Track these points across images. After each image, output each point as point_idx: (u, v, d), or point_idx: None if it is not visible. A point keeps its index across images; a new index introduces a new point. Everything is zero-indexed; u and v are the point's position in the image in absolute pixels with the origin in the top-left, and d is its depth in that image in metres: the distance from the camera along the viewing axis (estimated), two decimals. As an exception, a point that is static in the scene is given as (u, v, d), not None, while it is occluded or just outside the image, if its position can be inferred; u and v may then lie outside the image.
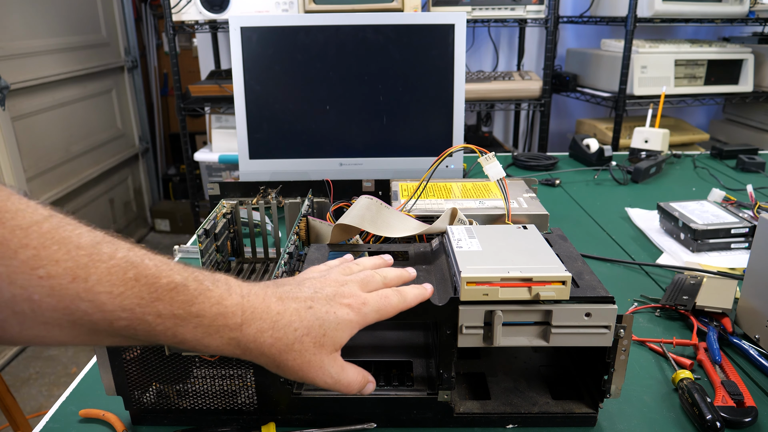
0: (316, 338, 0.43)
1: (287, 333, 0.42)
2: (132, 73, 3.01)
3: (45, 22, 2.28)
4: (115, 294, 0.36)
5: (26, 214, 0.34)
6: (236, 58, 1.08)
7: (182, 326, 0.39)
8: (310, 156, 1.13)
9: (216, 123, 2.03)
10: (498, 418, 0.55)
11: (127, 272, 0.37)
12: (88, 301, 0.35)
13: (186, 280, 0.39)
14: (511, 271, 0.48)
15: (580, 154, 1.51)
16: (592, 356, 0.54)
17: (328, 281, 0.48)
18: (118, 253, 0.37)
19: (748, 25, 2.20)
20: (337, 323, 0.44)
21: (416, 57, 1.09)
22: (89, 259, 0.35)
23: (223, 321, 0.40)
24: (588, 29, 2.44)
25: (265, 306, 0.42)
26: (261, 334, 0.42)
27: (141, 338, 0.38)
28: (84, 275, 0.35)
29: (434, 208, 0.79)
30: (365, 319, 0.46)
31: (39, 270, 0.33)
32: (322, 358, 0.44)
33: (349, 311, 0.45)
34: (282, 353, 0.42)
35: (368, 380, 0.48)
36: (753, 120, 2.20)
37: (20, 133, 2.10)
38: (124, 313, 0.36)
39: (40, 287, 0.34)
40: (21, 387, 1.92)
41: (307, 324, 0.43)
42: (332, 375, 0.45)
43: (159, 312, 0.37)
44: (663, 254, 0.94)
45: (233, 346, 0.41)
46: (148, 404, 0.55)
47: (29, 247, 0.33)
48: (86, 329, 0.36)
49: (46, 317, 0.35)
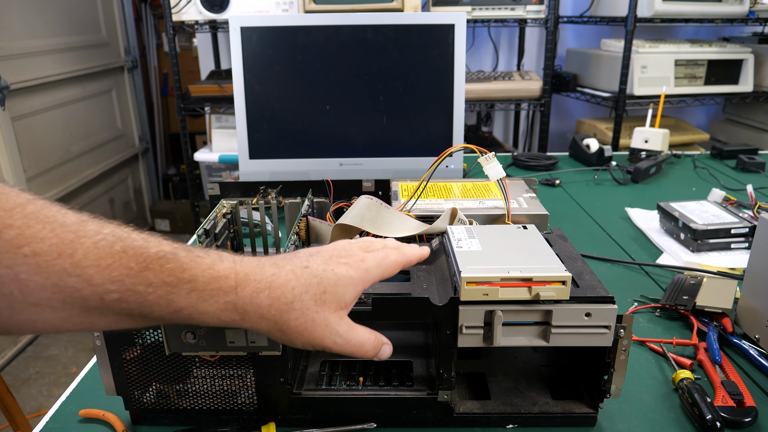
0: (316, 295, 0.42)
1: (285, 292, 0.41)
2: (132, 73, 3.01)
3: (45, 22, 2.28)
4: (102, 266, 0.35)
5: (9, 197, 0.34)
6: (236, 58, 1.08)
7: (174, 293, 0.38)
8: (310, 156, 1.13)
9: (216, 123, 2.03)
10: (498, 418, 0.55)
11: (114, 245, 0.36)
12: (75, 276, 0.35)
13: (176, 249, 0.38)
14: (511, 271, 0.48)
15: (580, 154, 1.51)
16: (592, 356, 0.54)
17: (326, 247, 0.47)
18: (104, 229, 0.37)
19: (748, 25, 2.20)
20: (337, 279, 0.43)
21: (416, 57, 1.09)
22: (74, 236, 0.35)
23: (217, 284, 0.39)
24: (588, 29, 2.44)
25: (259, 269, 0.41)
26: (257, 295, 0.40)
27: (135, 312, 0.37)
28: (70, 251, 0.34)
29: (434, 208, 0.79)
30: (367, 275, 0.45)
31: (24, 248, 0.33)
32: (327, 315, 0.42)
33: (347, 268, 0.44)
34: (282, 314, 0.41)
35: (383, 341, 0.47)
36: (753, 120, 2.20)
37: (20, 133, 2.10)
38: (114, 285, 0.36)
39: (26, 265, 0.33)
40: (21, 387, 1.92)
41: (304, 282, 0.42)
42: (341, 333, 0.43)
43: (149, 281, 0.37)
44: (663, 254, 0.94)
45: (230, 310, 0.40)
46: (148, 404, 0.55)
47: (13, 227, 0.33)
48: (78, 308, 0.36)
49: (35, 297, 0.34)
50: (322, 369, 0.58)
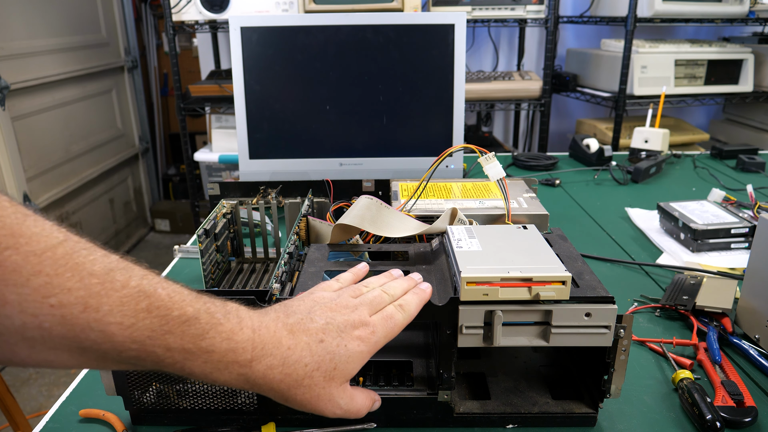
0: (327, 372, 0.43)
1: (297, 369, 0.42)
2: (132, 73, 3.01)
3: (45, 22, 2.28)
4: (125, 325, 0.35)
5: (41, 238, 0.33)
6: (236, 58, 1.08)
7: (191, 360, 0.38)
8: (310, 156, 1.13)
9: (216, 123, 2.03)
10: (498, 418, 0.55)
11: (140, 303, 0.36)
12: (98, 331, 0.35)
13: (198, 312, 0.39)
14: (511, 271, 0.48)
15: (580, 154, 1.51)
16: (592, 356, 0.54)
17: (339, 307, 0.47)
18: (131, 282, 0.36)
19: (748, 25, 2.20)
20: (348, 356, 0.44)
21: (416, 57, 1.09)
22: (101, 288, 0.35)
23: (233, 357, 0.40)
24: (588, 29, 2.44)
25: (275, 341, 0.42)
26: (270, 371, 0.41)
27: (149, 367, 0.38)
28: (96, 305, 0.34)
29: (434, 208, 0.79)
30: (375, 348, 0.46)
31: (51, 299, 0.33)
32: (331, 391, 0.44)
33: (359, 343, 0.45)
34: (291, 388, 0.42)
35: (375, 399, 0.49)
36: (753, 120, 2.20)
37: (20, 133, 2.10)
38: (134, 345, 0.36)
39: (51, 316, 0.33)
40: (21, 387, 1.92)
41: (317, 359, 0.43)
42: (341, 406, 0.45)
43: (169, 345, 0.37)
44: (663, 254, 0.94)
45: (242, 381, 0.41)
46: (148, 404, 0.55)
47: (42, 274, 0.33)
48: (95, 356, 0.36)
49: (55, 343, 0.34)
50: (322, 369, 0.58)
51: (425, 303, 0.49)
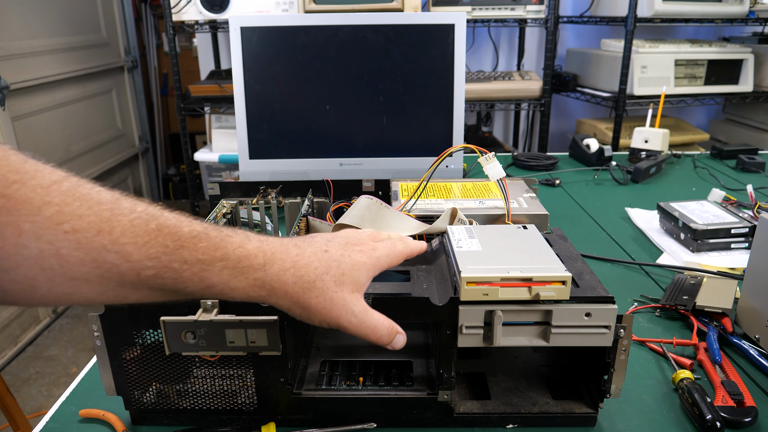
0: (336, 276, 0.45)
1: (308, 271, 0.44)
2: (132, 73, 3.01)
3: (45, 22, 2.28)
4: (140, 244, 0.37)
5: (45, 173, 0.35)
6: (236, 58, 1.08)
7: (208, 270, 0.40)
8: (310, 156, 1.13)
9: (216, 123, 2.03)
10: (498, 418, 0.55)
11: (149, 223, 0.38)
12: (114, 252, 0.36)
13: (206, 229, 0.41)
14: (511, 271, 0.48)
15: (580, 154, 1.51)
16: (592, 356, 0.54)
17: (339, 233, 0.51)
18: (138, 207, 0.38)
19: (748, 25, 2.20)
20: (353, 264, 0.46)
21: (416, 57, 1.09)
22: (111, 213, 0.36)
23: (248, 262, 0.41)
24: (588, 29, 2.44)
25: (283, 249, 0.44)
26: (284, 273, 0.43)
27: (169, 287, 0.39)
28: (108, 228, 0.36)
29: (434, 208, 0.79)
30: (378, 263, 0.48)
31: (64, 225, 0.34)
32: (344, 295, 0.45)
33: (362, 254, 0.47)
34: (305, 291, 0.43)
35: (397, 330, 0.48)
36: (753, 120, 2.20)
37: (20, 133, 2.10)
38: (151, 262, 0.37)
39: (66, 241, 0.35)
40: (21, 387, 1.92)
41: (325, 264, 0.45)
42: (356, 314, 0.45)
43: (185, 258, 0.38)
44: (663, 254, 0.94)
45: (258, 286, 0.42)
46: (148, 404, 0.55)
47: (52, 204, 0.34)
48: (114, 282, 0.37)
49: (74, 272, 0.36)
50: (322, 369, 0.58)
51: (422, 252, 0.54)
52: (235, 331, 0.49)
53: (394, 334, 0.48)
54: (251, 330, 0.49)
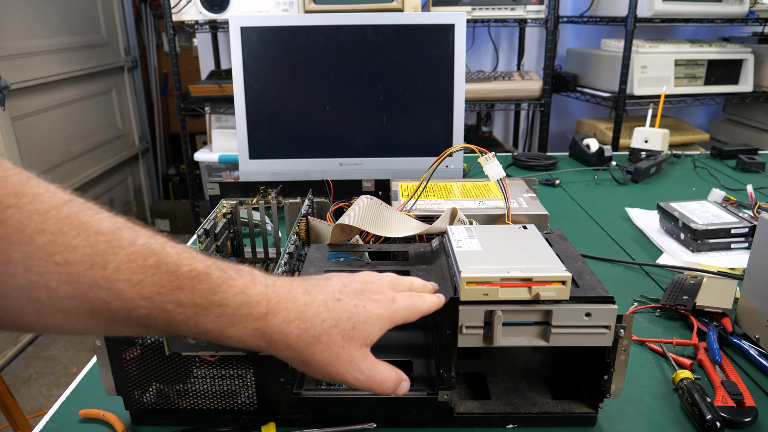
0: (345, 330, 0.42)
1: (314, 324, 0.41)
2: (132, 73, 3.01)
3: (45, 22, 2.28)
4: (134, 282, 0.35)
5: (44, 198, 0.33)
6: (236, 58, 1.08)
7: (204, 315, 0.37)
8: (310, 156, 1.13)
9: (216, 123, 2.03)
10: (498, 418, 0.55)
11: (148, 260, 0.35)
12: (106, 289, 0.34)
13: (209, 268, 0.38)
14: (511, 271, 0.48)
15: (580, 154, 1.51)
16: (592, 356, 0.54)
17: (357, 277, 0.47)
18: (139, 240, 0.36)
19: (748, 25, 2.20)
20: (367, 317, 0.43)
21: (416, 57, 1.09)
22: (108, 246, 0.34)
23: (248, 310, 0.39)
24: (588, 29, 2.44)
25: (291, 296, 0.41)
26: (287, 325, 0.40)
27: (161, 328, 0.37)
28: (102, 262, 0.34)
29: (434, 208, 0.79)
30: (395, 316, 0.45)
31: (56, 256, 0.32)
32: (351, 351, 0.42)
33: (378, 306, 0.44)
34: (309, 346, 0.41)
35: (402, 378, 0.46)
36: (753, 120, 2.20)
37: (20, 133, 2.09)
38: (144, 302, 0.35)
39: (56, 274, 0.33)
40: (21, 387, 1.92)
41: (335, 316, 0.42)
42: (363, 370, 0.43)
43: (180, 301, 0.36)
44: (663, 254, 0.94)
45: (257, 337, 0.39)
46: (148, 404, 0.55)
47: (46, 232, 0.32)
48: (105, 318, 0.35)
49: (63, 305, 0.34)
50: (322, 369, 0.58)
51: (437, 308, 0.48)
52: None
53: (399, 384, 0.46)
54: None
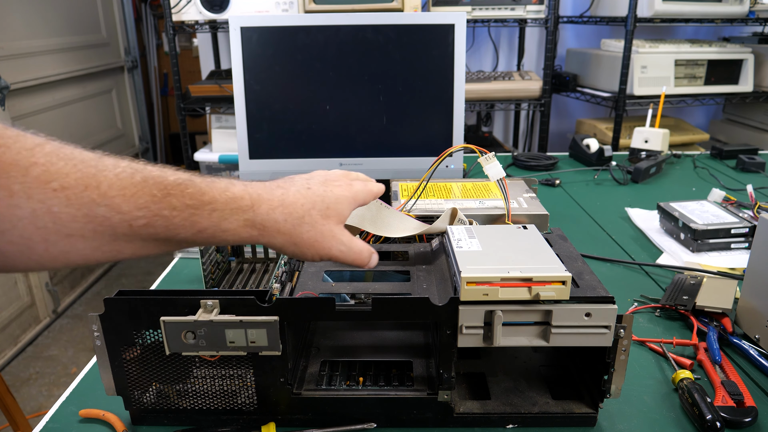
0: (322, 210, 0.48)
1: (296, 208, 0.47)
2: (132, 73, 3.01)
3: (45, 22, 2.28)
4: (128, 195, 0.38)
5: (27, 137, 0.36)
6: (236, 58, 1.08)
7: (198, 215, 0.41)
8: (310, 156, 1.13)
9: (216, 123, 2.02)
10: (498, 418, 0.55)
11: (134, 176, 0.39)
12: (104, 206, 0.37)
13: (191, 176, 0.42)
14: (511, 271, 0.48)
15: (580, 154, 1.51)
16: (592, 356, 0.54)
17: (315, 173, 0.53)
18: (121, 163, 0.40)
19: (748, 25, 2.20)
20: (336, 197, 0.49)
21: (416, 57, 1.09)
22: (95, 170, 0.38)
23: (235, 204, 0.43)
24: (588, 29, 2.44)
25: (268, 191, 0.46)
26: (273, 211, 0.45)
27: (161, 236, 0.40)
28: (95, 183, 0.37)
29: (434, 208, 0.79)
30: (357, 196, 0.52)
31: (52, 183, 0.35)
32: (332, 228, 0.48)
33: (342, 189, 0.51)
34: (296, 227, 0.46)
35: (372, 251, 0.52)
36: (753, 120, 2.20)
37: (20, 133, 2.09)
38: (141, 212, 0.39)
39: (56, 199, 0.36)
40: (21, 387, 1.92)
41: (310, 200, 0.48)
42: (344, 242, 0.49)
43: (173, 205, 0.40)
44: (663, 254, 0.94)
45: (249, 226, 0.44)
46: (148, 404, 0.55)
47: (38, 164, 0.35)
48: (108, 236, 0.38)
49: (68, 228, 0.37)
50: (322, 369, 0.58)
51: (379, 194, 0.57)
52: (235, 331, 0.49)
53: (371, 255, 0.52)
54: (251, 330, 0.49)
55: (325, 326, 0.67)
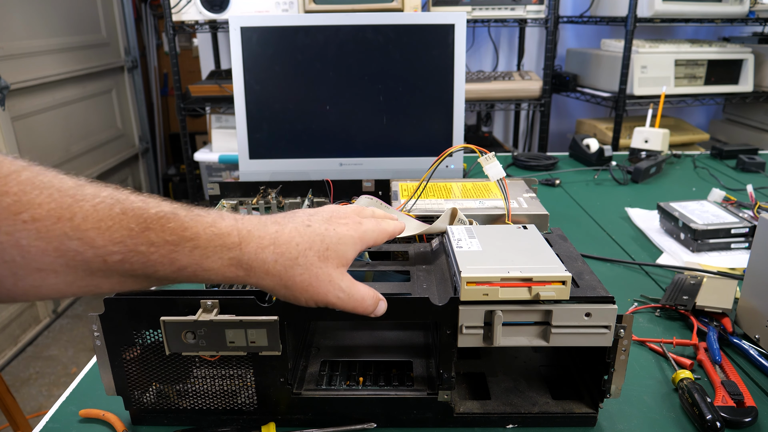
0: (320, 252, 0.43)
1: (289, 248, 0.42)
2: (132, 73, 3.01)
3: (45, 22, 2.28)
4: (103, 228, 0.35)
5: (3, 164, 0.34)
6: (236, 58, 1.08)
7: (177, 252, 0.38)
8: (310, 156, 1.13)
9: (216, 123, 2.03)
10: (498, 418, 0.55)
11: (113, 208, 0.36)
12: (77, 239, 0.35)
13: (175, 209, 0.39)
14: (511, 271, 0.48)
15: (580, 154, 1.51)
16: (592, 356, 0.54)
17: (322, 209, 0.49)
18: (102, 192, 0.37)
19: (748, 25, 2.20)
20: (339, 238, 0.44)
21: (416, 57, 1.09)
22: (72, 200, 0.35)
23: (220, 241, 0.39)
24: (588, 29, 2.44)
25: (261, 226, 0.42)
26: (262, 251, 0.41)
27: (139, 272, 0.38)
28: (69, 215, 0.34)
29: (434, 208, 0.79)
30: (365, 237, 0.47)
31: (22, 214, 0.33)
32: (330, 271, 0.43)
33: (347, 228, 0.46)
34: (287, 269, 0.41)
35: (380, 298, 0.47)
36: (753, 120, 2.20)
37: (20, 133, 2.09)
38: (116, 247, 0.36)
39: (25, 231, 0.33)
40: (21, 387, 1.92)
41: (308, 239, 0.43)
42: (343, 288, 0.44)
43: (151, 240, 0.37)
44: (663, 254, 0.94)
45: (235, 266, 0.40)
46: (148, 404, 0.55)
47: (9, 194, 0.33)
48: (81, 271, 0.36)
49: (38, 263, 0.34)
50: (322, 369, 0.58)
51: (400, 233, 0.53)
52: (235, 331, 0.49)
53: (377, 303, 0.47)
54: (251, 330, 0.49)
55: (325, 326, 0.67)
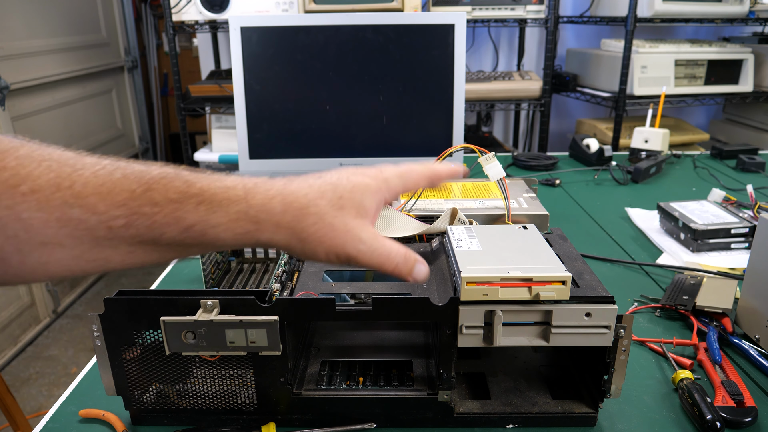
0: (332, 200, 0.39)
1: (298, 197, 0.39)
2: (132, 73, 3.01)
3: (45, 22, 2.28)
4: (104, 193, 0.34)
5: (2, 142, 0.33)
6: (236, 58, 1.08)
7: (182, 209, 0.36)
8: (310, 156, 1.13)
9: (216, 123, 2.02)
10: (498, 418, 0.55)
11: (114, 173, 0.35)
12: (78, 207, 0.34)
13: (178, 170, 0.37)
14: (511, 271, 0.48)
15: (580, 154, 1.51)
16: (592, 356, 0.54)
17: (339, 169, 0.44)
18: (103, 161, 0.36)
19: (748, 25, 2.20)
20: (352, 186, 0.40)
21: (416, 57, 1.09)
22: (72, 169, 0.34)
23: (225, 195, 0.37)
24: (588, 29, 2.44)
25: (267, 180, 0.40)
26: (269, 201, 0.38)
27: (146, 237, 0.36)
28: (68, 183, 0.34)
29: (434, 208, 0.79)
30: (386, 184, 0.42)
31: (21, 187, 0.32)
32: (346, 220, 0.39)
33: (363, 177, 0.41)
34: (299, 220, 0.38)
35: (416, 258, 0.42)
36: (753, 120, 2.20)
37: (20, 133, 2.09)
38: (118, 211, 0.35)
39: (25, 203, 0.33)
40: (21, 387, 1.92)
41: (317, 189, 0.39)
42: (363, 240, 0.39)
43: (155, 200, 0.35)
44: (663, 254, 0.94)
45: (243, 219, 0.38)
46: (148, 404, 0.55)
47: (7, 168, 0.32)
48: (87, 241, 0.35)
49: (42, 236, 0.33)
50: (322, 369, 0.58)
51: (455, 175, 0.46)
52: (235, 331, 0.49)
53: (413, 263, 0.42)
54: (251, 330, 0.49)
55: (325, 326, 0.67)
